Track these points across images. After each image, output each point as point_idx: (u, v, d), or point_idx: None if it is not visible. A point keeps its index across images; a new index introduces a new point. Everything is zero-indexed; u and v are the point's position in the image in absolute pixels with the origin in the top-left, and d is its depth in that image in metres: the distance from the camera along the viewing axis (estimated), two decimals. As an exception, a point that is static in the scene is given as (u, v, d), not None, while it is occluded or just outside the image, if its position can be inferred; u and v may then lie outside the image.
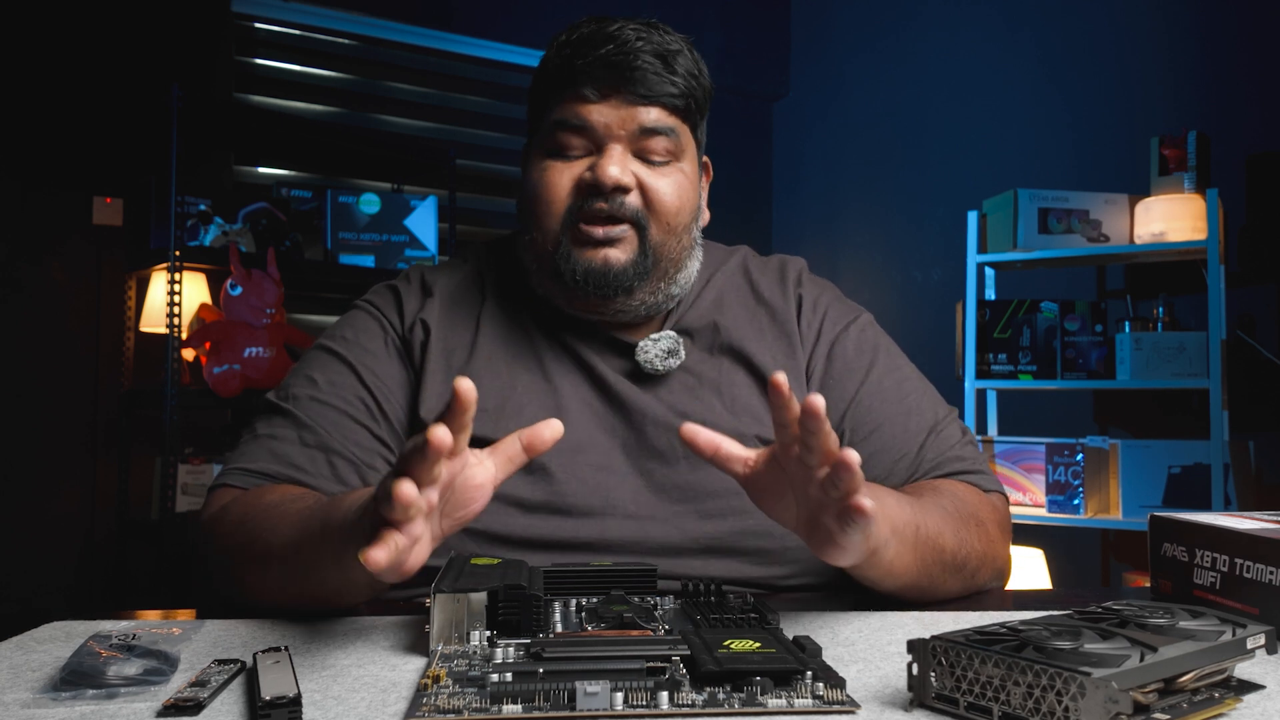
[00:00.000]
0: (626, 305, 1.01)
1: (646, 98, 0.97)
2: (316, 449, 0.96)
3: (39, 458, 2.78)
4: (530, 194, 1.02)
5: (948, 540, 0.88)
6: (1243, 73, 2.78)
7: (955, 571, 0.90)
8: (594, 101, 0.97)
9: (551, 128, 0.99)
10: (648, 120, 0.98)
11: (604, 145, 0.98)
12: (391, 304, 1.07)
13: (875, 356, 1.08)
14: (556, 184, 0.99)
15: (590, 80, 0.96)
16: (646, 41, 0.97)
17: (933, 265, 3.56)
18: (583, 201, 0.98)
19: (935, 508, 0.91)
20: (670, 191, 0.99)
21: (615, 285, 0.98)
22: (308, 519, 0.81)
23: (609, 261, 0.98)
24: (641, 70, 0.96)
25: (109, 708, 0.59)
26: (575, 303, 1.02)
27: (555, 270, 1.00)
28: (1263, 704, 0.60)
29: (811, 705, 0.57)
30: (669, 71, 0.98)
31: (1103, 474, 2.73)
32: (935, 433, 1.04)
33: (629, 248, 0.98)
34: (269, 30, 3.30)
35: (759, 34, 4.09)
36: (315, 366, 1.03)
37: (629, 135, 0.98)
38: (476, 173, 3.58)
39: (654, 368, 1.01)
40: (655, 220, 0.99)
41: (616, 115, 0.97)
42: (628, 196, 0.98)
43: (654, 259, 0.99)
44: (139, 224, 2.79)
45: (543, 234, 1.00)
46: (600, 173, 0.96)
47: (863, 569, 0.81)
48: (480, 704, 0.56)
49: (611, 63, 0.96)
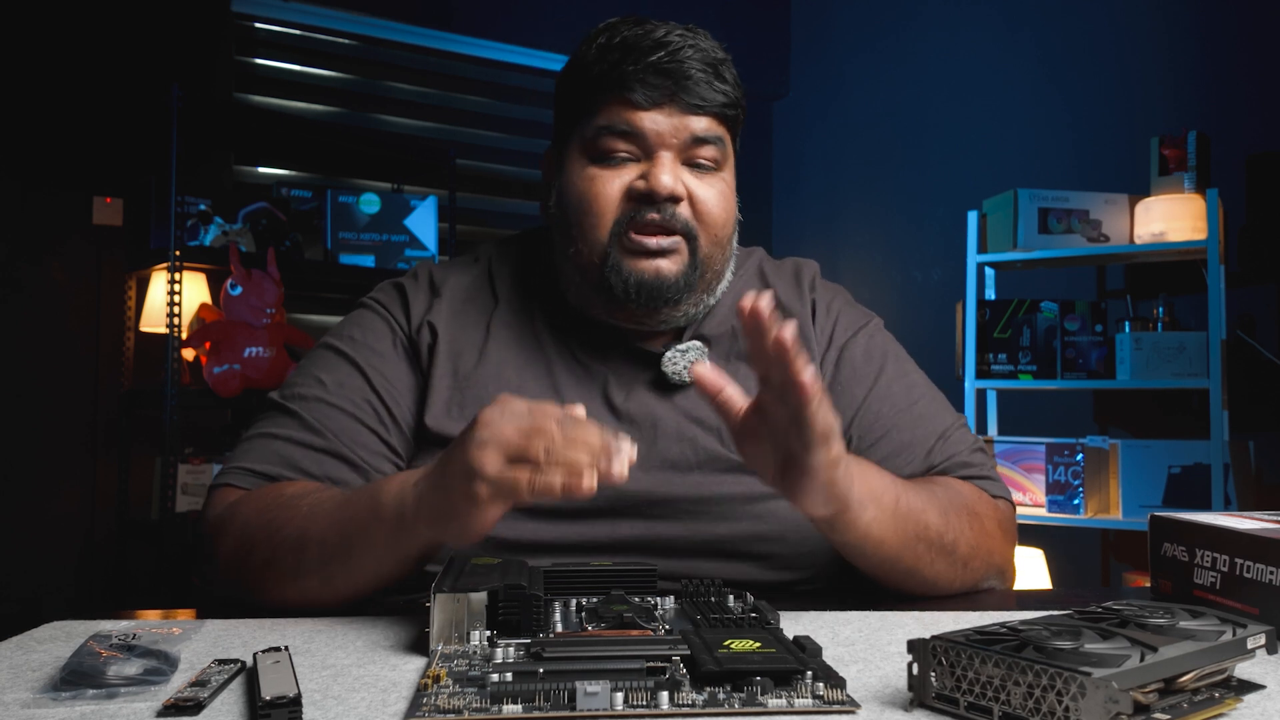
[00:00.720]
0: (670, 316, 1.00)
1: (699, 107, 0.96)
2: (323, 452, 0.95)
3: (39, 458, 2.78)
4: (575, 203, 0.98)
5: (932, 518, 0.89)
6: (1243, 73, 2.78)
7: (943, 553, 0.91)
8: (645, 108, 0.95)
9: (597, 132, 0.97)
10: (698, 129, 0.96)
11: (654, 153, 0.96)
12: (398, 303, 1.05)
13: (884, 362, 1.07)
14: (605, 194, 0.96)
15: (641, 86, 0.94)
16: (695, 49, 0.96)
17: (933, 265, 3.56)
18: (634, 211, 0.96)
19: (923, 489, 0.92)
20: (717, 202, 0.98)
21: (665, 297, 0.97)
22: (350, 503, 0.82)
23: (661, 273, 0.96)
24: (695, 79, 0.95)
25: (109, 708, 0.59)
26: (617, 314, 1.00)
27: (603, 282, 0.97)
28: (1263, 704, 0.60)
29: (811, 705, 0.57)
30: (719, 80, 0.97)
31: (1103, 474, 2.73)
32: (944, 439, 1.04)
33: (680, 260, 0.97)
34: (269, 30, 3.29)
35: (759, 34, 4.09)
36: (322, 366, 1.01)
37: (680, 144, 0.96)
38: (476, 173, 3.58)
39: (681, 379, 1.00)
40: (704, 231, 0.98)
41: (669, 124, 0.95)
42: (679, 207, 0.96)
43: (701, 270, 0.98)
44: (139, 224, 2.79)
45: (589, 245, 0.97)
46: (655, 182, 0.94)
47: (841, 532, 0.83)
48: (480, 704, 0.56)
49: (664, 69, 0.94)
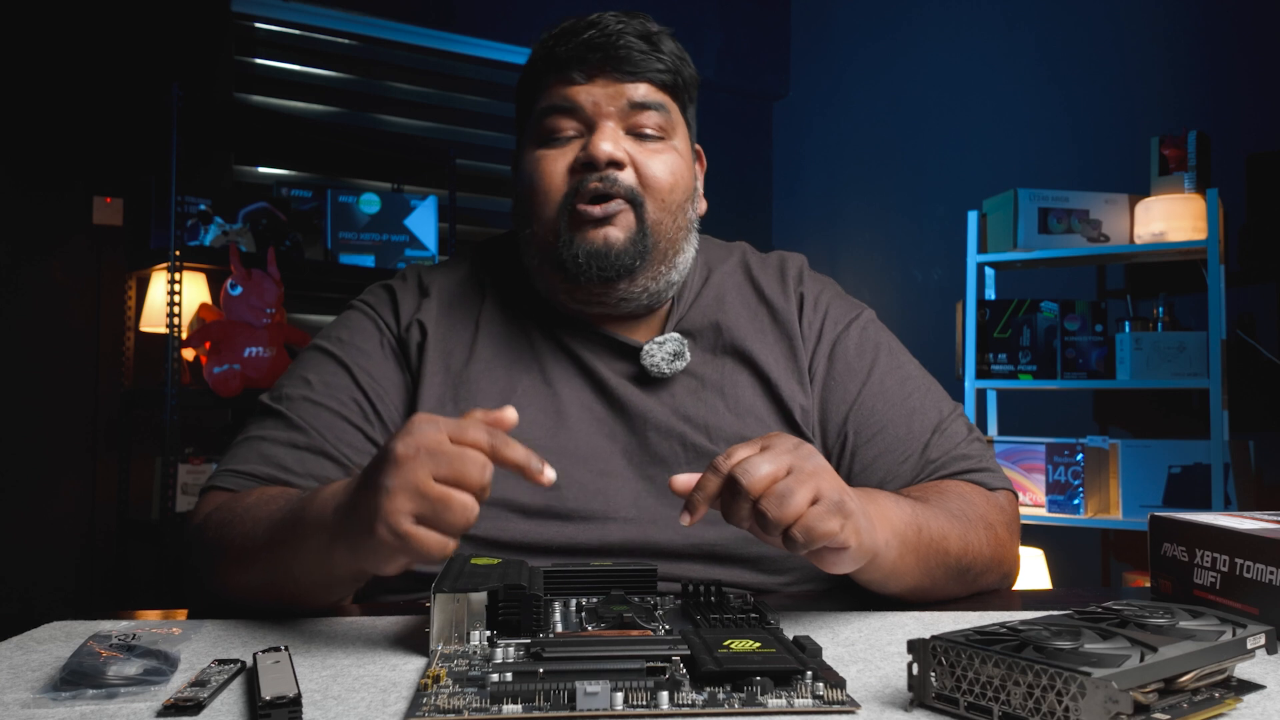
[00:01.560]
0: (629, 292, 1.00)
1: (633, 74, 0.98)
2: (307, 450, 0.96)
3: (39, 458, 2.78)
4: (525, 186, 1.01)
5: (952, 544, 0.88)
6: (1243, 73, 2.78)
7: (960, 575, 0.90)
8: (581, 83, 0.98)
9: (540, 115, 1.00)
10: (636, 95, 0.98)
11: (595, 124, 0.98)
12: (387, 304, 1.06)
13: (877, 356, 1.07)
14: (551, 171, 0.99)
15: (576, 63, 0.97)
16: (628, 25, 0.99)
17: (933, 265, 3.56)
18: (578, 184, 0.98)
19: (941, 510, 0.90)
20: (663, 168, 0.99)
21: (617, 265, 0.97)
22: (284, 515, 0.81)
23: (609, 240, 0.97)
24: (626, 48, 0.97)
25: (109, 708, 0.59)
26: (578, 293, 1.01)
27: (557, 259, 0.99)
28: (1263, 704, 0.60)
29: (811, 705, 0.57)
30: (654, 49, 0.99)
31: (1103, 474, 2.73)
32: (940, 431, 1.03)
33: (625, 224, 0.98)
34: (269, 30, 3.29)
35: (759, 34, 4.09)
36: (309, 367, 1.02)
37: (619, 111, 0.98)
38: (476, 173, 3.58)
39: (660, 371, 1.00)
40: (651, 196, 0.99)
41: (605, 93, 0.98)
42: (621, 173, 0.97)
43: (653, 239, 0.99)
44: (139, 224, 2.79)
45: (541, 224, 1.00)
46: (593, 148, 0.96)
47: (864, 573, 0.81)
48: (480, 704, 0.56)
49: (595, 44, 0.97)
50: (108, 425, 2.87)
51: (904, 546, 0.82)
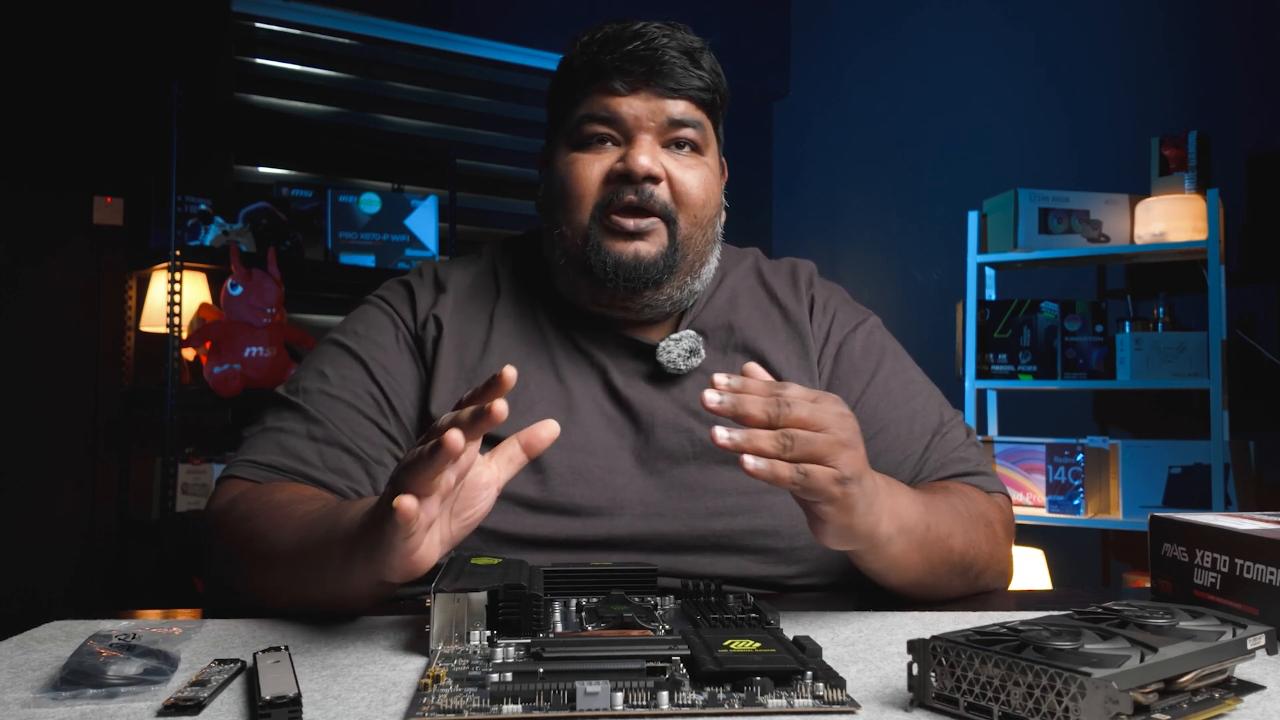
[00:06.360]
0: (654, 300, 1.01)
1: (675, 90, 0.99)
2: (324, 443, 0.96)
3: (39, 457, 2.78)
4: (558, 187, 1.02)
5: (957, 542, 0.89)
6: (1243, 73, 2.78)
7: (961, 573, 0.91)
8: (623, 94, 0.99)
9: (579, 121, 1.00)
10: (675, 112, 0.99)
11: (633, 137, 0.99)
12: (404, 299, 1.07)
13: (882, 359, 1.08)
14: (586, 176, 0.99)
15: (619, 74, 0.98)
16: (671, 39, 1.00)
17: (933, 265, 3.56)
18: (612, 194, 0.98)
19: (947, 508, 0.91)
20: (697, 184, 1.00)
21: (645, 279, 0.98)
22: (314, 523, 0.81)
23: (639, 255, 0.98)
24: (670, 64, 0.98)
25: (109, 707, 0.59)
26: (601, 297, 1.02)
27: (585, 264, 0.99)
28: (1263, 704, 0.60)
29: (811, 705, 0.57)
30: (695, 66, 1.00)
31: (1103, 474, 2.73)
32: (940, 435, 1.05)
33: (659, 241, 0.99)
34: (269, 30, 3.29)
35: (759, 34, 4.09)
36: (326, 360, 1.03)
37: (658, 127, 0.99)
38: (476, 173, 3.58)
39: (676, 368, 1.01)
40: (684, 213, 1.00)
41: (646, 107, 0.99)
42: (657, 188, 0.98)
43: (682, 253, 1.00)
44: (139, 224, 2.79)
45: (572, 228, 1.00)
46: (632, 162, 0.97)
47: (867, 560, 0.83)
48: (480, 704, 0.56)
49: (640, 57, 0.98)
50: (108, 425, 2.87)
51: (910, 541, 0.83)
